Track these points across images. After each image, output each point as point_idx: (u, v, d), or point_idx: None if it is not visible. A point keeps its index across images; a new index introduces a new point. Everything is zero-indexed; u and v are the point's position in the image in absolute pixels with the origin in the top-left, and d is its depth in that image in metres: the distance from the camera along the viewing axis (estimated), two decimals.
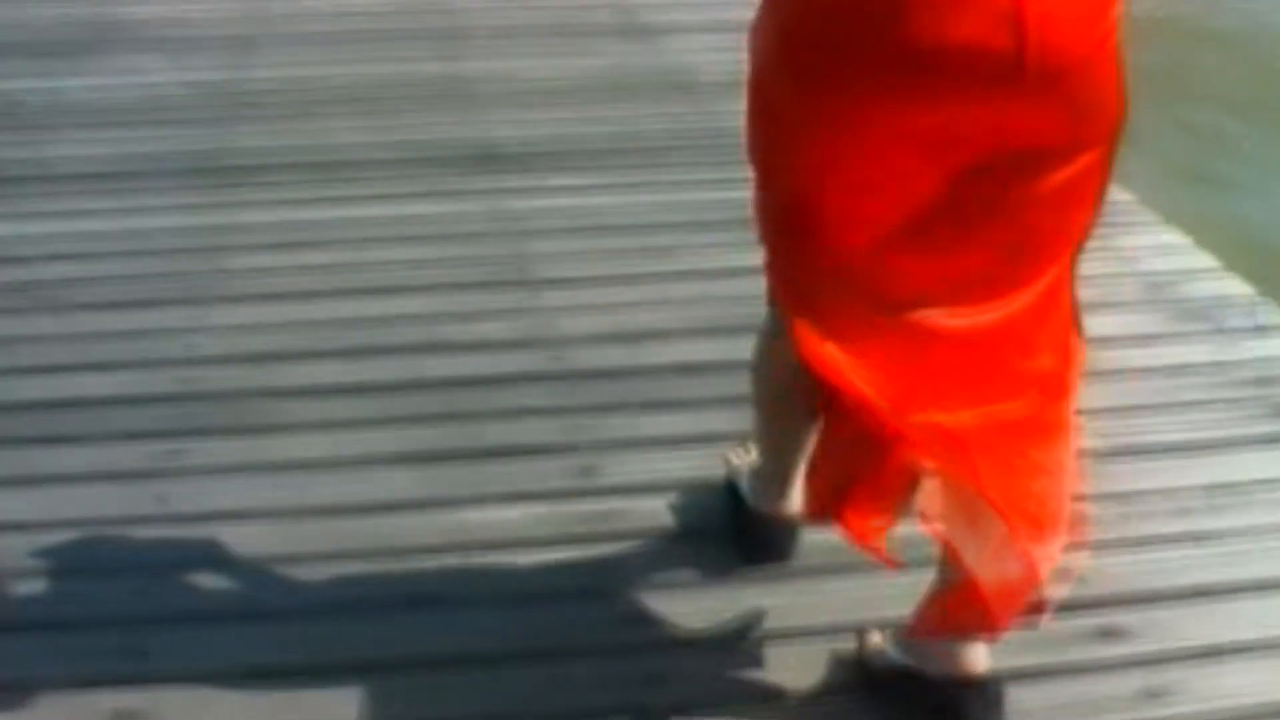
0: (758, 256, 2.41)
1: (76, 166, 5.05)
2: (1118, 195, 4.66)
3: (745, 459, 3.00)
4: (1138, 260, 4.32)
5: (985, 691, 2.51)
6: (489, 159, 5.07)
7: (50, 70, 6.10)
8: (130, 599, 2.87)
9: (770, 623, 2.79)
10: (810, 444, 2.70)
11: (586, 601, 2.87)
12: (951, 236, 2.21)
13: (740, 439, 3.01)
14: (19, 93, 5.82)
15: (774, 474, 2.84)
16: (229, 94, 5.78)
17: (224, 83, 5.92)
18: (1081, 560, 2.78)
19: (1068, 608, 2.77)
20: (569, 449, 3.35)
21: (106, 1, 7.08)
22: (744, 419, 2.87)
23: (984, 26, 2.02)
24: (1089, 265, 4.11)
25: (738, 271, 2.83)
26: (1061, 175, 2.18)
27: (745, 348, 2.70)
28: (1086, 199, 2.26)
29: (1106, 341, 3.74)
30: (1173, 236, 4.55)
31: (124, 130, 5.40)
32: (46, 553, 2.99)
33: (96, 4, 7.05)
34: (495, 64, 6.11)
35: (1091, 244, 3.98)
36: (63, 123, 5.50)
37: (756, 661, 2.71)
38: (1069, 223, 2.28)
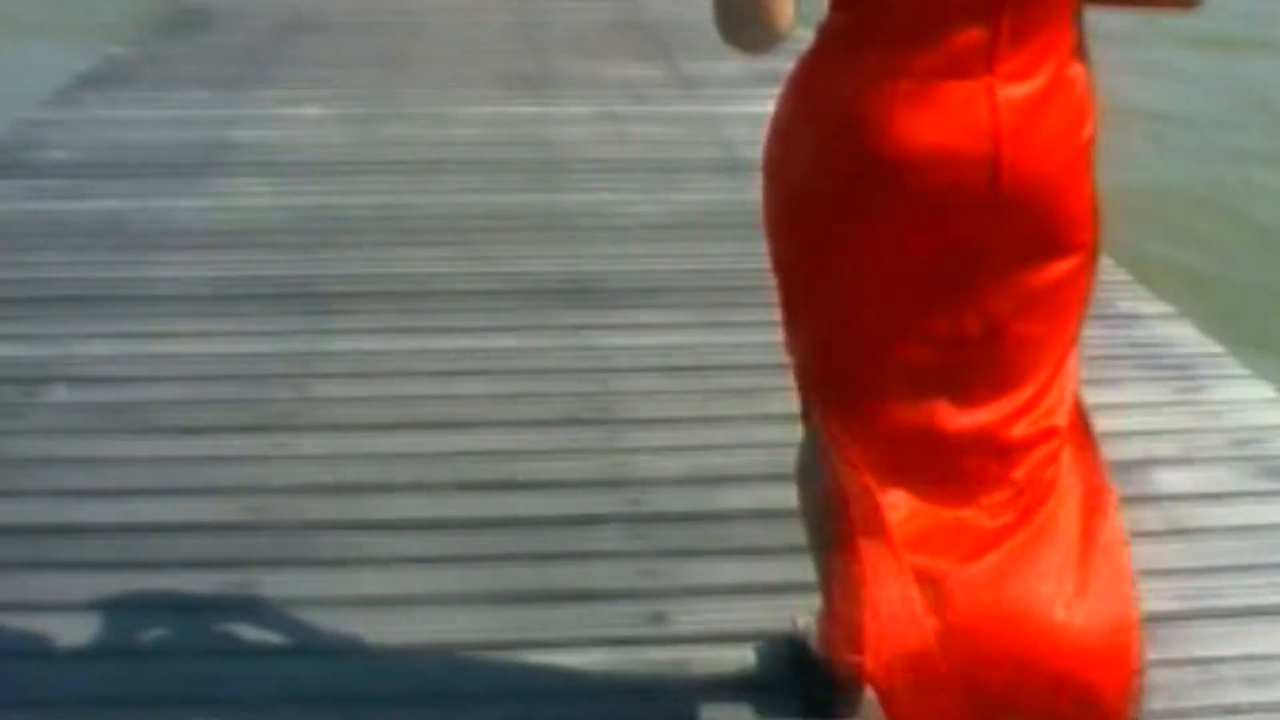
0: None
1: (173, 289, 5.11)
2: (1207, 348, 4.61)
3: (813, 619, 2.96)
4: (1222, 414, 4.23)
5: None
6: (578, 293, 5.09)
7: (158, 191, 6.23)
8: None
9: None
10: None
11: None
12: (939, 339, 2.33)
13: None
14: (126, 213, 5.94)
15: None
16: (326, 220, 5.86)
17: (322, 208, 6.01)
18: None
19: None
20: (641, 594, 3.32)
21: (217, 125, 7.26)
22: None
23: (961, 139, 2.20)
24: (1170, 419, 4.09)
25: None
26: (1041, 280, 2.31)
27: None
28: (1069, 304, 2.39)
29: (1185, 498, 3.70)
30: (1260, 391, 4.43)
31: (222, 253, 5.47)
32: (108, 682, 3.01)
33: (208, 127, 7.22)
34: (590, 197, 6.17)
35: (1175, 396, 3.95)
36: (165, 244, 5.59)
37: None
38: (1052, 327, 2.38)
